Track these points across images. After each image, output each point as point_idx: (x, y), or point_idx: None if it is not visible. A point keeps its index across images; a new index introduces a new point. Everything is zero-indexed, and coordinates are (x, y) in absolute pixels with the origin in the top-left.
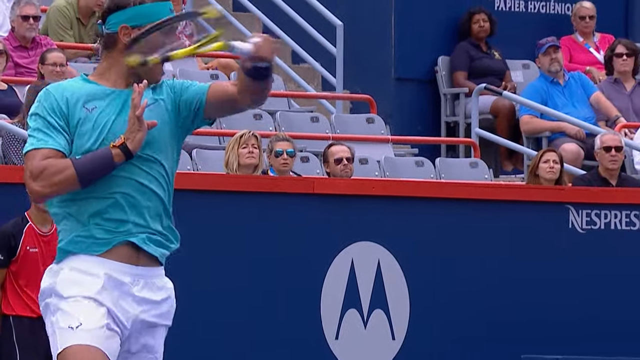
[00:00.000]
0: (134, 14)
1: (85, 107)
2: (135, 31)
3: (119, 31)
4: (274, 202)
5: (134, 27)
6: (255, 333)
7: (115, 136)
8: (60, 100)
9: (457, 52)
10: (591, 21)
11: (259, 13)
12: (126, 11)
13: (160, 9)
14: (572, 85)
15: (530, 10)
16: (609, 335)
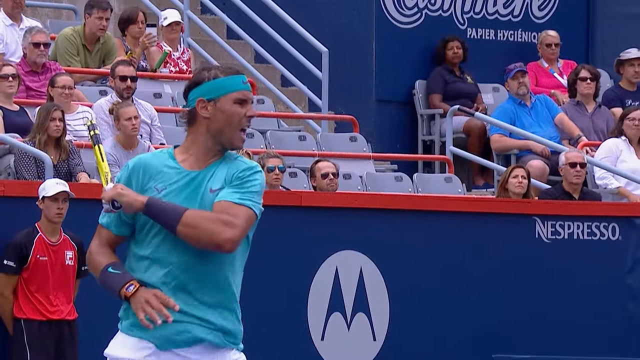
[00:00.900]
0: (209, 88)
1: (156, 188)
2: (212, 104)
3: (196, 105)
4: (265, 214)
5: (209, 100)
6: (246, 334)
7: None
8: (132, 176)
9: (433, 77)
10: (556, 48)
11: (251, 40)
12: (202, 86)
13: (233, 81)
14: (538, 107)
15: (500, 38)
16: (573, 336)
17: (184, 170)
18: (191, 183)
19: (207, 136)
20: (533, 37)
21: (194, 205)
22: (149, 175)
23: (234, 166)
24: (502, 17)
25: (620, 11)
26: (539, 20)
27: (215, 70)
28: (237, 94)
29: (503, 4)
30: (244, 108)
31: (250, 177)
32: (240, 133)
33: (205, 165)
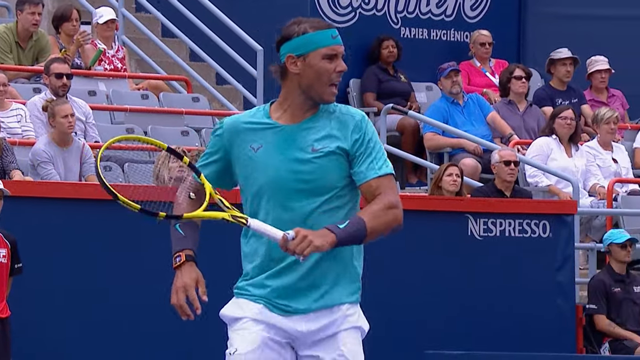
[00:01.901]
0: (298, 44)
1: (252, 147)
2: (301, 60)
3: (286, 61)
4: None
5: (299, 55)
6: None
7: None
8: (225, 136)
9: (367, 75)
10: (489, 47)
11: (185, 39)
12: (291, 42)
13: (322, 36)
14: (471, 106)
15: (433, 37)
16: (504, 332)
17: (279, 125)
18: (288, 138)
19: (299, 91)
20: (465, 37)
21: (291, 164)
22: (244, 135)
23: (342, 122)
24: (435, 16)
25: (550, 11)
26: (472, 20)
27: (304, 25)
28: (326, 49)
29: (436, 4)
30: (334, 63)
31: (368, 130)
32: (331, 87)
33: (301, 119)
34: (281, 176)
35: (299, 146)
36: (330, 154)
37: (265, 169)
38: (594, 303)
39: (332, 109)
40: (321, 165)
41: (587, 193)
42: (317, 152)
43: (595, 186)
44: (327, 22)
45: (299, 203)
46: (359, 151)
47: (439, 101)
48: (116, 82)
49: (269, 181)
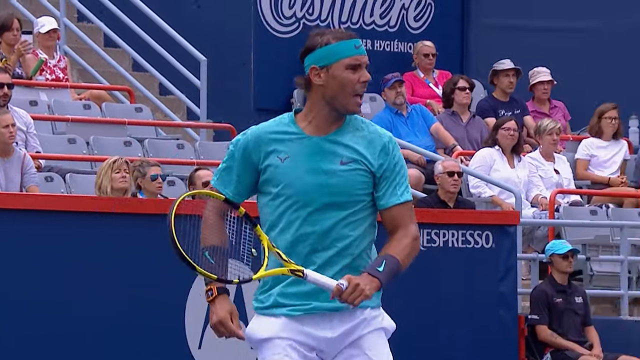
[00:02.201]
0: (321, 55)
1: (279, 157)
2: (324, 71)
3: (309, 73)
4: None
5: (322, 67)
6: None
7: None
8: (250, 146)
9: None
10: (432, 58)
11: (128, 48)
12: (314, 53)
13: (345, 46)
14: (414, 117)
15: (377, 48)
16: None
17: (306, 135)
18: (315, 150)
19: (323, 103)
20: (409, 48)
21: (319, 176)
22: (270, 144)
23: (369, 140)
24: (378, 27)
25: (493, 23)
26: (415, 31)
27: (327, 36)
28: (349, 59)
29: (379, 15)
30: (357, 73)
31: (395, 153)
32: (355, 98)
33: (328, 131)
34: (309, 188)
35: (327, 158)
36: (357, 169)
37: (293, 181)
38: (536, 313)
39: (360, 126)
40: (349, 179)
41: (530, 204)
42: (345, 165)
43: (537, 197)
44: (350, 32)
45: (324, 215)
46: (384, 175)
47: (383, 112)
48: (58, 92)
49: (296, 192)
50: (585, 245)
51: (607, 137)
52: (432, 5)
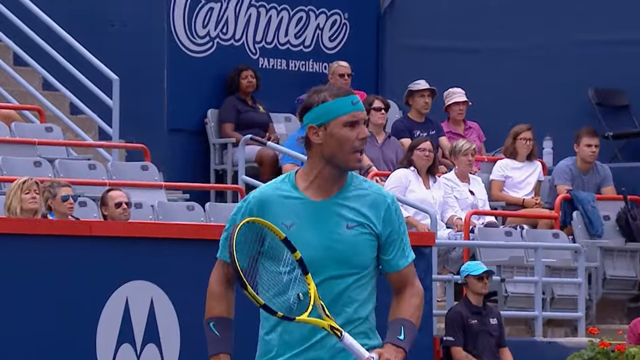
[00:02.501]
0: (318, 113)
1: (284, 224)
2: (322, 129)
3: (308, 132)
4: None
5: (319, 125)
6: None
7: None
8: (254, 214)
9: (225, 106)
10: (348, 79)
11: (39, 67)
12: (312, 112)
13: (342, 104)
14: None
15: (292, 68)
16: None
17: (309, 200)
18: (320, 215)
19: (323, 162)
20: (324, 68)
21: (325, 241)
22: (274, 209)
23: (373, 202)
24: (293, 47)
25: (408, 43)
26: (330, 51)
27: (324, 94)
28: (347, 117)
29: (294, 35)
30: (355, 130)
31: (399, 214)
32: (355, 154)
33: (331, 194)
34: (317, 255)
35: (333, 223)
36: (363, 233)
37: (300, 248)
38: (451, 335)
39: (362, 185)
40: (356, 244)
41: (445, 225)
42: (352, 229)
43: (452, 218)
44: (347, 89)
45: (332, 282)
46: (390, 238)
47: (298, 132)
48: None
49: (304, 259)
50: (500, 267)
51: (522, 158)
52: (347, 25)
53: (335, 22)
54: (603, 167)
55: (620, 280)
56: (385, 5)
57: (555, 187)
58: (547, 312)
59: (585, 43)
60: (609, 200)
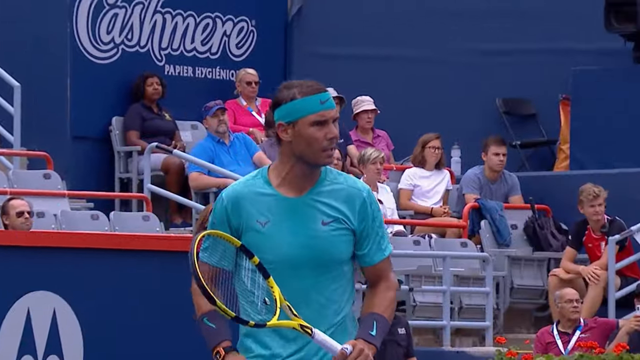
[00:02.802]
0: (287, 111)
1: (259, 222)
2: (291, 127)
3: (277, 128)
4: None
5: (288, 123)
6: None
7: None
8: (229, 212)
9: (130, 113)
10: (255, 86)
11: None
12: (281, 109)
13: (309, 102)
14: (237, 145)
15: (198, 75)
16: None
17: (282, 197)
18: (295, 212)
19: (294, 159)
20: (231, 75)
21: (301, 238)
22: (247, 206)
23: (347, 196)
24: (200, 54)
25: (316, 50)
26: (237, 58)
27: (294, 90)
28: (314, 116)
29: (201, 42)
30: (323, 130)
31: (374, 207)
32: (325, 152)
33: (305, 190)
34: (294, 252)
35: (309, 220)
36: (339, 229)
37: (276, 246)
38: None
39: (337, 180)
40: (332, 240)
41: None
42: (327, 225)
43: None
44: (319, 86)
45: (309, 280)
46: (365, 231)
47: (205, 140)
48: None
49: (280, 257)
50: (409, 276)
51: (430, 166)
52: (255, 32)
53: (242, 29)
54: (511, 176)
55: (528, 289)
56: (293, 13)
57: (464, 196)
58: (455, 321)
59: (493, 52)
60: (516, 209)
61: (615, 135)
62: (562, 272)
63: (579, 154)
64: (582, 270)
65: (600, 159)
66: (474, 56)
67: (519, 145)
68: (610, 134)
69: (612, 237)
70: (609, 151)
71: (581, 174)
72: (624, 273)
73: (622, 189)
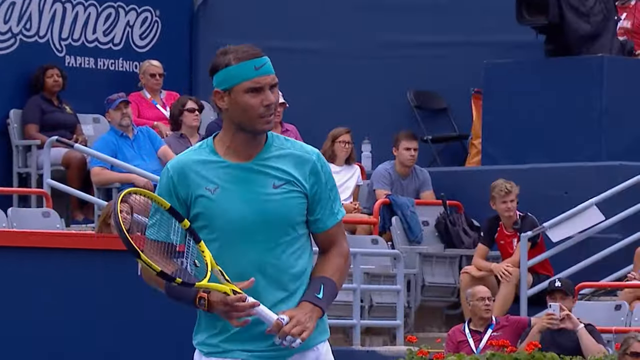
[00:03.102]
0: (222, 78)
1: (208, 189)
2: (227, 95)
3: (214, 95)
4: None
5: (224, 90)
6: None
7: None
8: (176, 182)
9: (29, 106)
10: (160, 79)
11: None
12: (217, 75)
13: (244, 68)
14: (141, 139)
15: (100, 67)
16: None
17: (230, 163)
18: (244, 178)
19: (235, 127)
20: (135, 67)
21: (252, 203)
22: (194, 175)
23: (297, 159)
24: (102, 45)
25: (223, 42)
26: (141, 49)
27: (229, 56)
28: (249, 83)
29: (103, 32)
30: (259, 97)
31: (325, 170)
32: (263, 119)
33: (252, 156)
34: (245, 217)
35: (259, 184)
36: (292, 191)
37: (226, 212)
38: None
39: (284, 144)
40: (285, 203)
41: None
42: (279, 188)
43: None
44: (255, 51)
45: (265, 245)
46: (317, 195)
47: (108, 134)
48: None
49: (231, 224)
50: None
51: (340, 161)
52: (159, 22)
53: (146, 19)
54: (422, 171)
55: (439, 287)
56: (199, 2)
57: (374, 192)
58: (365, 320)
59: (404, 44)
60: (428, 206)
61: (528, 130)
62: (474, 270)
63: (491, 149)
64: (494, 268)
65: (513, 154)
66: (385, 48)
67: (430, 140)
68: (522, 128)
69: (524, 234)
70: (521, 146)
71: (493, 170)
72: (536, 270)
73: (535, 184)
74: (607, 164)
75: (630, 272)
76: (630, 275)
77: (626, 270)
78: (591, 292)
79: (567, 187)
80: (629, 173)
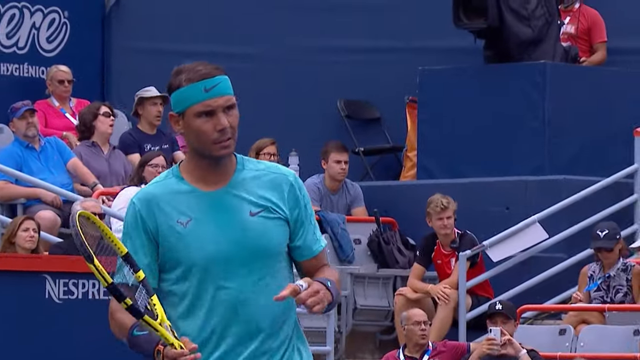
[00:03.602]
0: (175, 100)
1: (180, 222)
2: (181, 118)
3: (170, 119)
4: None
5: (178, 113)
6: None
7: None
8: (144, 217)
9: None
10: (69, 85)
11: None
12: (172, 97)
13: (193, 91)
14: (48, 151)
15: (4, 72)
16: None
17: (201, 192)
18: (218, 206)
19: (195, 152)
20: (42, 72)
21: (228, 233)
22: (164, 207)
23: (273, 182)
24: (5, 48)
25: (138, 46)
26: (48, 53)
27: (182, 76)
28: (199, 106)
29: (6, 35)
30: (211, 121)
31: (303, 192)
32: (217, 145)
33: (222, 182)
34: (222, 248)
35: (234, 212)
36: (270, 217)
37: (202, 245)
38: None
39: (257, 167)
40: (264, 229)
41: None
42: (257, 215)
43: None
44: (208, 70)
45: (243, 276)
46: (298, 220)
47: (12, 145)
48: None
49: (208, 256)
50: None
51: None
52: (68, 25)
53: (53, 20)
54: (353, 185)
55: (372, 310)
56: (111, 4)
57: None
58: None
59: (334, 49)
60: (360, 222)
61: (466, 141)
62: (409, 291)
63: (427, 162)
64: (430, 289)
65: (450, 167)
66: (313, 54)
67: (362, 152)
68: (460, 140)
69: (462, 253)
70: (459, 159)
71: (429, 184)
72: (475, 292)
73: (473, 200)
74: (551, 178)
75: (576, 292)
76: (575, 296)
77: (571, 292)
78: (534, 316)
79: (508, 202)
80: (574, 188)
